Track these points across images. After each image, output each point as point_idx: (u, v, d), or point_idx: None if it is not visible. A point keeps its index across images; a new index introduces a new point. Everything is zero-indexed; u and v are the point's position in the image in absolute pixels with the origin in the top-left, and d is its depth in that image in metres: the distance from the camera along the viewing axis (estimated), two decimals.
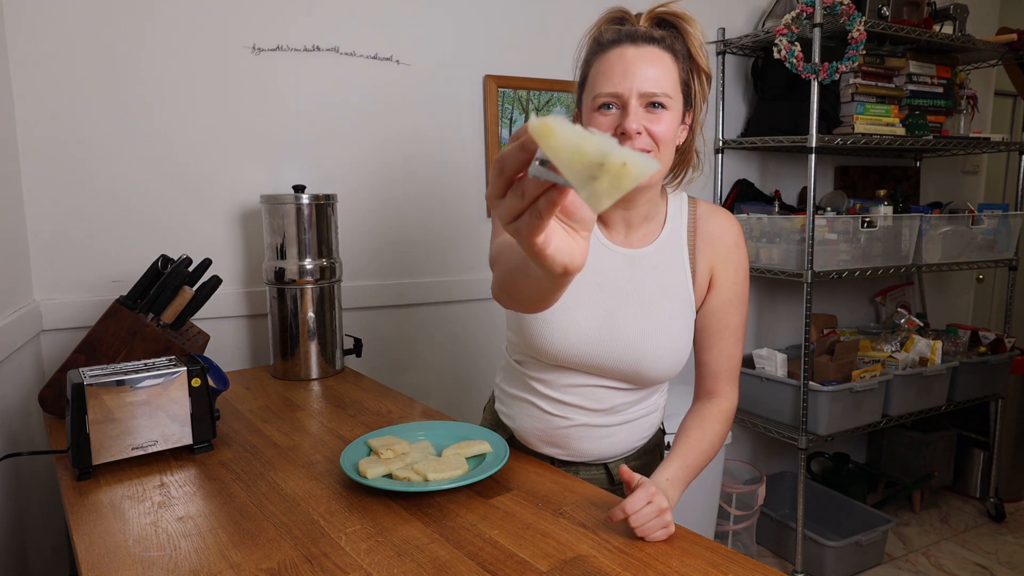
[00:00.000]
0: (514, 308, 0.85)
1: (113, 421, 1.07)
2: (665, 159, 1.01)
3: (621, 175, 0.40)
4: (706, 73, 1.04)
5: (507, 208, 0.48)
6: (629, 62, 0.97)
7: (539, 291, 0.72)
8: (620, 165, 0.40)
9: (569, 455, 1.15)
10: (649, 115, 0.98)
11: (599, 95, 0.99)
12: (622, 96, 0.97)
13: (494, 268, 0.94)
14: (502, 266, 0.87)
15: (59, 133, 1.58)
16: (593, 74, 1.02)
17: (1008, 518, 2.85)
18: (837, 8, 2.10)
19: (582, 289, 1.05)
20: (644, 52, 0.98)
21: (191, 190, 1.73)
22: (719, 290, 1.10)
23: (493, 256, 0.98)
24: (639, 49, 0.98)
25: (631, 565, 0.81)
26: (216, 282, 1.44)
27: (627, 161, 0.40)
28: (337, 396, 1.50)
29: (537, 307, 0.79)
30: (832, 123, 2.40)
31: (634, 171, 0.41)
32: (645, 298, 1.06)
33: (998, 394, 2.77)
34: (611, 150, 0.40)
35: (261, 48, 1.78)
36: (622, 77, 0.97)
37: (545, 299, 0.75)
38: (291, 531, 0.89)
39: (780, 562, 2.52)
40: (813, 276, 2.22)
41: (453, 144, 2.07)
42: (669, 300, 1.07)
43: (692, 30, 1.03)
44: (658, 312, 1.06)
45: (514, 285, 0.80)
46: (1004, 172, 3.80)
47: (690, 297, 1.09)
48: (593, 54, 1.03)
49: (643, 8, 1.05)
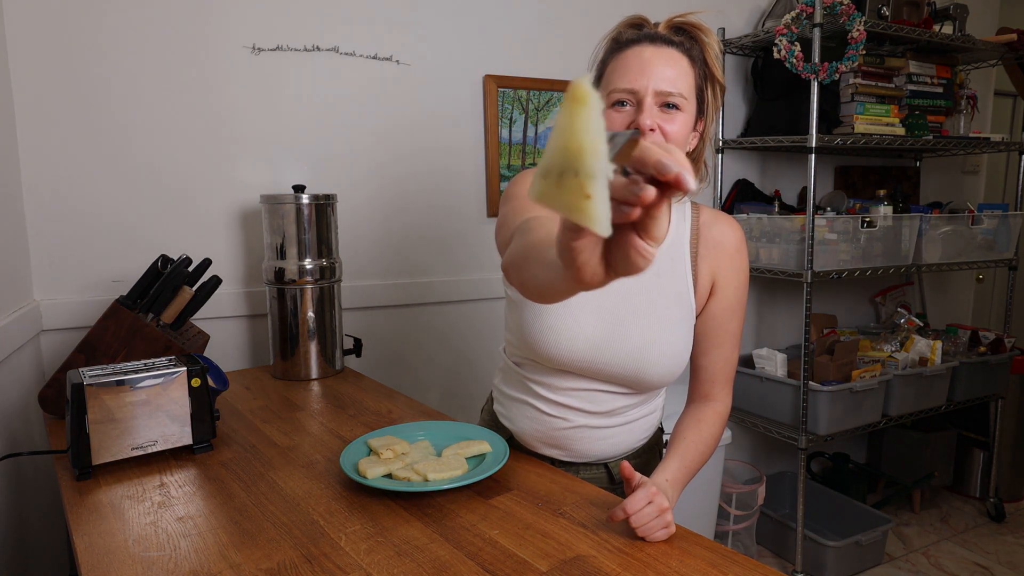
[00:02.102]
0: (520, 289, 0.79)
1: (113, 421, 1.07)
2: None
3: (576, 201, 0.36)
4: (720, 84, 1.05)
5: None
6: (647, 60, 0.97)
7: (547, 281, 0.67)
8: (583, 195, 0.36)
9: (569, 456, 1.15)
10: (663, 114, 0.98)
11: (615, 90, 0.99)
12: (638, 93, 0.97)
13: (515, 238, 0.87)
14: (523, 238, 0.81)
15: (59, 133, 1.58)
16: (609, 71, 1.02)
17: (1008, 518, 2.85)
18: (837, 8, 2.10)
19: (587, 295, 1.05)
20: (662, 52, 0.98)
21: (191, 190, 1.73)
22: (720, 296, 1.10)
23: (517, 227, 0.90)
24: (657, 49, 0.98)
25: (631, 565, 0.81)
26: (216, 282, 1.44)
27: (593, 197, 0.36)
28: (337, 396, 1.50)
29: (542, 296, 0.73)
30: (832, 123, 2.40)
31: (588, 211, 0.36)
32: (648, 305, 1.06)
33: (998, 394, 2.77)
34: (597, 175, 0.36)
35: (261, 48, 1.78)
36: (639, 74, 0.97)
37: (548, 294, 0.70)
38: (291, 531, 0.89)
39: (780, 562, 2.52)
40: (813, 276, 2.22)
41: (453, 144, 2.07)
42: (671, 307, 1.07)
43: (709, 41, 1.03)
44: (661, 319, 1.06)
45: (527, 262, 0.75)
46: (1004, 172, 3.80)
47: (691, 303, 1.09)
48: (610, 53, 1.04)
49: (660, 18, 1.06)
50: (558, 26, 2.19)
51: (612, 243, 0.46)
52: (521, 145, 2.16)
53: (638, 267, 0.46)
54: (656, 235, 0.45)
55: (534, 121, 2.17)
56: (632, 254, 0.45)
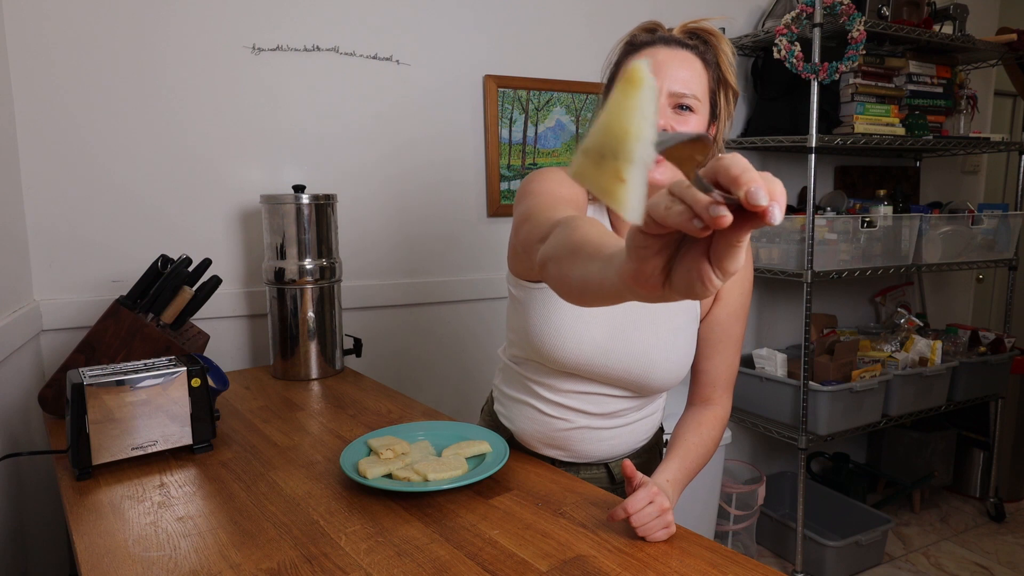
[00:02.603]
0: (557, 283, 0.72)
1: (113, 421, 1.07)
2: None
3: (610, 184, 0.35)
4: (733, 90, 1.04)
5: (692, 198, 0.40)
6: (661, 62, 0.98)
7: (596, 278, 0.60)
8: (618, 178, 0.35)
9: (570, 456, 1.15)
10: (677, 116, 0.98)
11: None
12: None
13: (557, 232, 0.78)
14: (572, 233, 0.72)
15: (59, 133, 1.58)
16: (622, 73, 1.01)
17: (1008, 518, 2.85)
18: (837, 8, 2.10)
19: None
20: (676, 54, 0.98)
21: (191, 190, 1.73)
22: (725, 303, 1.10)
23: (560, 221, 0.81)
24: (672, 51, 0.98)
25: (631, 565, 0.81)
26: (216, 282, 1.44)
27: (628, 182, 0.35)
28: (337, 396, 1.50)
29: (582, 294, 0.66)
30: (832, 123, 2.40)
31: (620, 196, 0.35)
32: (655, 311, 1.06)
33: (998, 394, 2.77)
34: (635, 160, 0.35)
35: (261, 48, 1.78)
36: (654, 75, 0.96)
37: (589, 292, 0.63)
38: (291, 531, 0.89)
39: (780, 562, 2.52)
40: (813, 276, 2.22)
41: (453, 144, 2.07)
42: (677, 312, 1.07)
43: (724, 47, 1.03)
44: (667, 325, 1.06)
45: (575, 256, 0.67)
46: (1004, 172, 3.80)
47: (696, 310, 1.09)
48: (624, 55, 1.04)
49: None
50: (558, 26, 2.19)
51: (680, 258, 0.43)
52: (521, 145, 2.16)
53: (696, 294, 0.43)
54: (728, 269, 0.41)
55: (534, 121, 2.17)
56: (695, 279, 0.42)
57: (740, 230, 0.39)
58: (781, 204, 0.38)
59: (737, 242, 0.40)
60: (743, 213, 0.38)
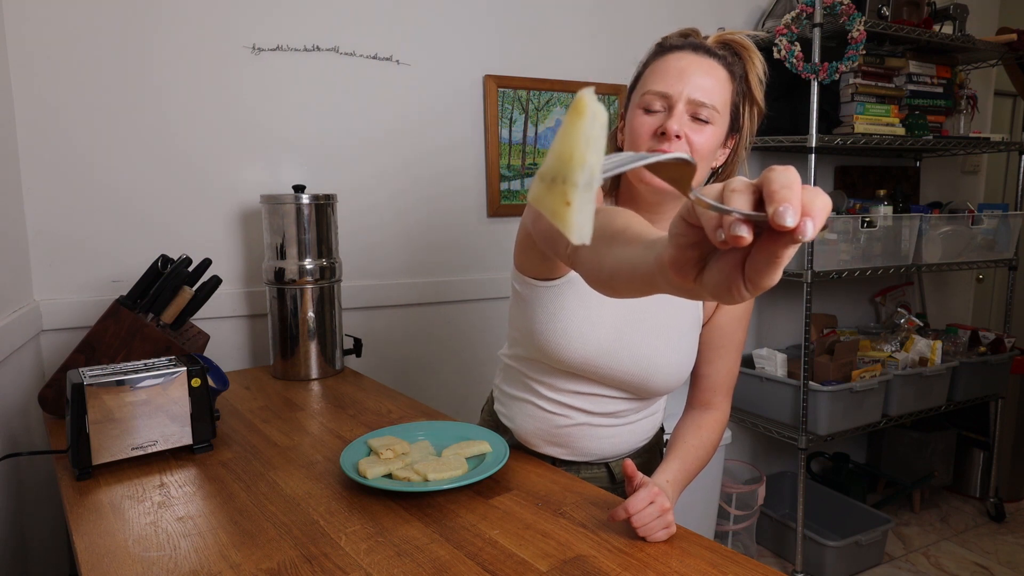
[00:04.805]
0: (588, 270, 0.73)
1: (113, 421, 1.07)
2: (698, 173, 1.00)
3: (558, 207, 0.37)
4: (759, 107, 1.03)
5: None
6: (685, 67, 0.97)
7: (631, 263, 0.61)
8: (564, 201, 0.36)
9: (570, 454, 1.15)
10: (693, 124, 0.96)
11: (649, 91, 0.98)
12: (671, 98, 0.96)
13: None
14: (610, 222, 0.72)
15: (59, 133, 1.58)
16: (648, 73, 1.01)
17: (1008, 518, 2.85)
18: (837, 8, 2.10)
19: (602, 300, 1.04)
20: (702, 62, 0.97)
21: (191, 190, 1.73)
22: (728, 308, 1.09)
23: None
24: (698, 57, 0.98)
25: (631, 565, 0.81)
26: (216, 282, 1.44)
27: (572, 205, 0.36)
28: (337, 396, 1.50)
29: (612, 280, 0.67)
30: (832, 123, 2.40)
31: (566, 218, 0.37)
32: (659, 314, 1.06)
33: (998, 394, 2.77)
34: (578, 184, 0.36)
35: (261, 48, 1.78)
36: (676, 79, 0.96)
37: (620, 279, 0.64)
38: (291, 531, 0.89)
39: (780, 562, 2.52)
40: (813, 276, 2.22)
41: (453, 144, 2.07)
42: (680, 317, 1.07)
43: (755, 62, 1.02)
44: (670, 328, 1.06)
45: (614, 241, 0.68)
46: (1004, 172, 3.80)
47: (699, 314, 1.09)
48: (653, 56, 1.03)
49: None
50: (558, 26, 2.19)
51: (716, 258, 0.43)
52: (521, 145, 2.16)
53: (722, 299, 0.43)
54: (760, 283, 0.40)
55: (534, 121, 2.17)
56: (724, 284, 0.42)
57: (776, 244, 0.38)
58: (816, 220, 0.36)
59: (776, 257, 0.39)
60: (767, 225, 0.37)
